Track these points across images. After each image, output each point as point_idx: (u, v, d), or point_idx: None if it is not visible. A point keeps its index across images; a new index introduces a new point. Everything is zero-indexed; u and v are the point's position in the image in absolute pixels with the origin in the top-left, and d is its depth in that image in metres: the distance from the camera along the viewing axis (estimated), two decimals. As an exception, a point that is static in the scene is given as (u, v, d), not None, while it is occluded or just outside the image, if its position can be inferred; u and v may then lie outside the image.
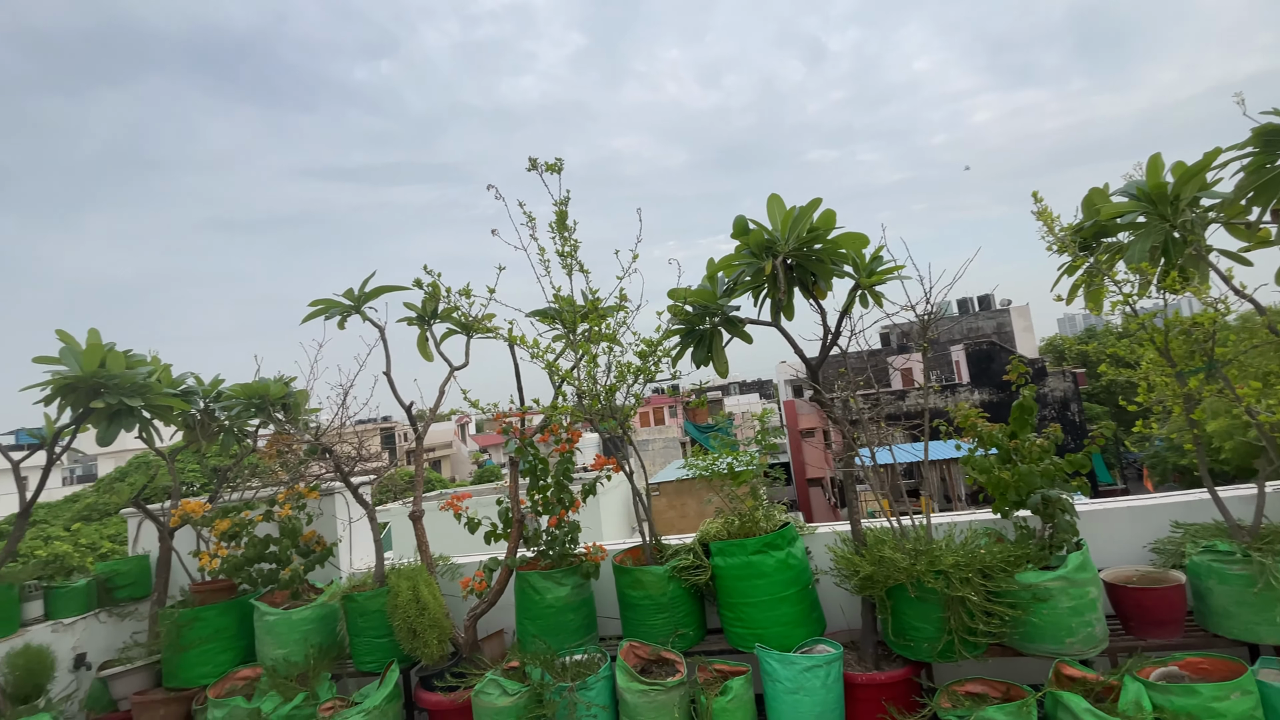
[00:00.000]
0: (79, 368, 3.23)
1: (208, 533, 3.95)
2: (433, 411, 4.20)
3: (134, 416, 3.40)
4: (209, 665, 3.57)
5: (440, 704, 3.19)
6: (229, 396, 4.30)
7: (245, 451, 4.51)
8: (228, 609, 3.68)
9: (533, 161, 3.49)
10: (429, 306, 4.27)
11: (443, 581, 3.79)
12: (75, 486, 27.91)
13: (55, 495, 24.93)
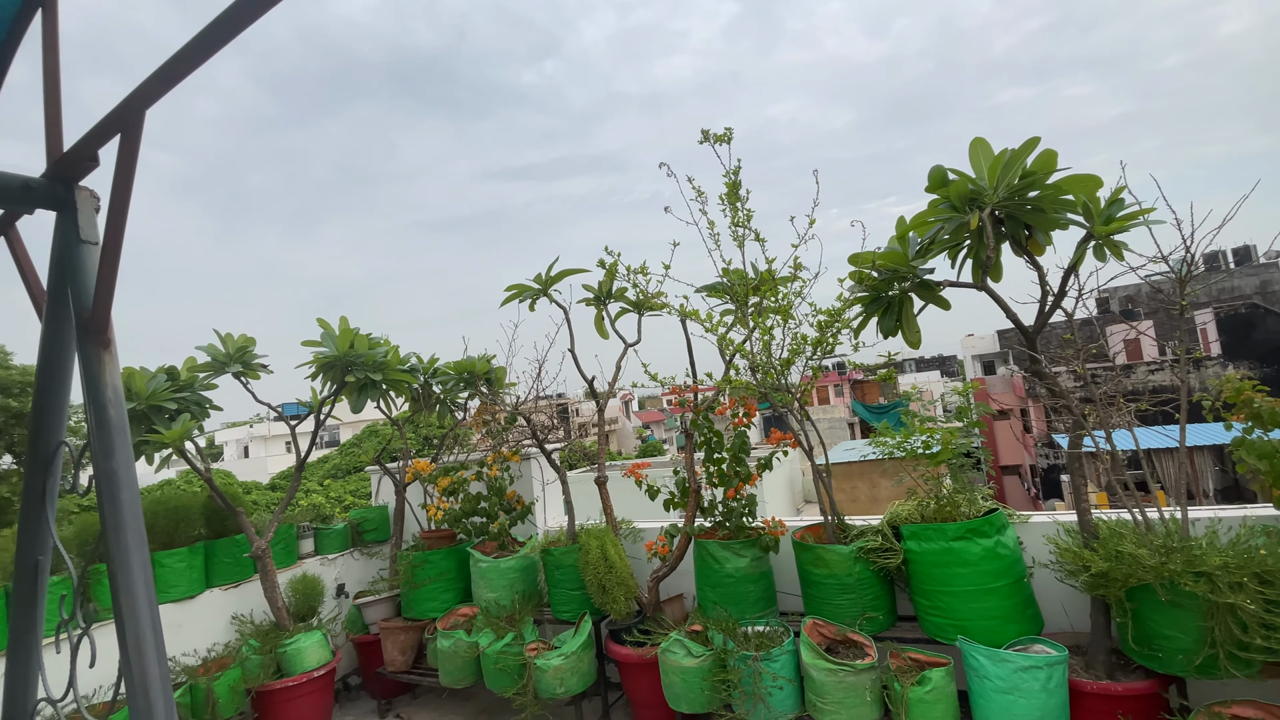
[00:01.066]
0: (335, 349, 3.91)
1: (432, 488, 4.60)
2: (611, 385, 4.43)
3: (376, 389, 4.04)
4: (436, 601, 4.17)
5: (629, 657, 3.40)
6: (443, 373, 4.92)
7: (457, 421, 5.15)
8: (449, 554, 4.26)
9: (704, 134, 3.47)
10: (605, 287, 4.51)
11: (625, 544, 4.02)
12: (323, 451, 33.87)
13: (310, 457, 30.63)
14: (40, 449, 1.51)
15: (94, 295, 1.35)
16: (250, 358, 4.14)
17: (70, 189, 1.46)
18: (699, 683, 3.02)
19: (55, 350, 1.50)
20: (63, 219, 1.44)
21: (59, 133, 1.51)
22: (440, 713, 4.12)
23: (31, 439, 1.51)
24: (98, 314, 1.34)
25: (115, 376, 1.35)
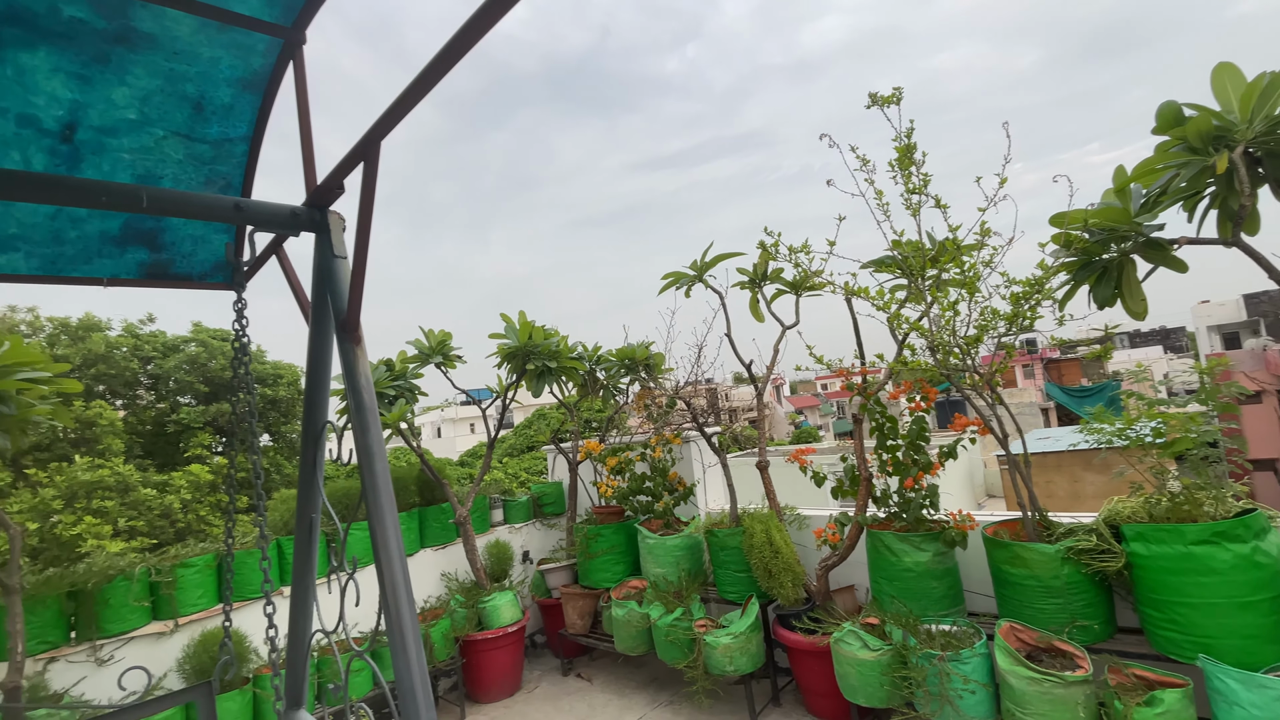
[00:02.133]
0: (517, 340, 4.31)
1: (601, 467, 4.90)
2: (769, 369, 4.36)
3: (552, 375, 4.39)
4: (609, 572, 4.46)
5: (799, 643, 3.36)
6: (606, 360, 5.19)
7: (620, 405, 5.43)
8: (619, 529, 4.52)
9: (872, 98, 3.25)
10: (760, 269, 4.44)
11: (790, 530, 3.96)
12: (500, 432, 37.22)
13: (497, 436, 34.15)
14: (311, 427, 1.85)
15: (347, 301, 1.62)
16: (448, 350, 4.71)
17: (324, 214, 1.76)
18: (876, 677, 2.90)
19: (320, 347, 1.83)
20: (320, 239, 1.75)
21: (313, 167, 1.82)
22: (615, 676, 4.40)
23: (305, 419, 1.87)
24: (350, 317, 1.62)
25: (366, 367, 1.62)
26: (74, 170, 1.98)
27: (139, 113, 1.91)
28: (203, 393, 17.30)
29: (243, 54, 1.87)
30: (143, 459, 17.08)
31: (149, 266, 2.38)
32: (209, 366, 18.01)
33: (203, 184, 2.20)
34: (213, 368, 18.35)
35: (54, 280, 2.28)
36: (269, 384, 14.10)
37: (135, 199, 1.49)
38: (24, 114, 1.79)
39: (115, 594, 3.16)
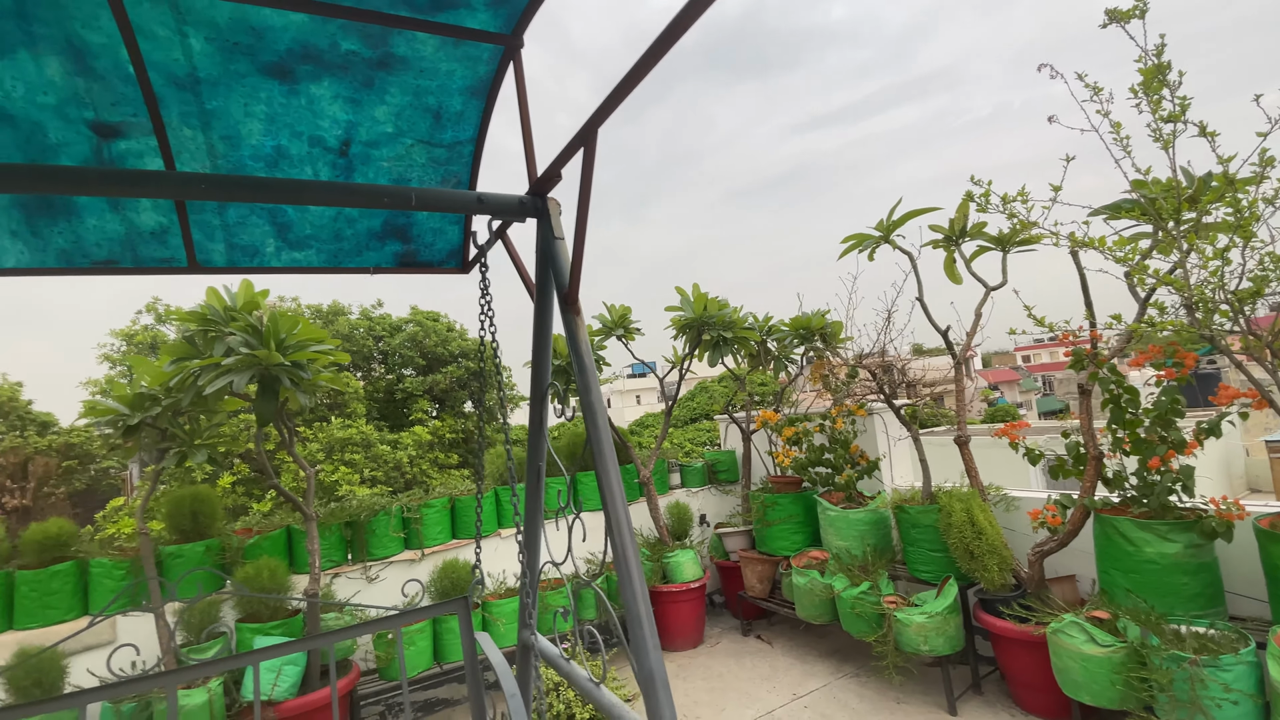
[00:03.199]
0: (692, 312, 4.43)
1: (776, 436, 4.89)
2: (971, 335, 3.98)
3: (727, 346, 4.45)
4: (787, 540, 4.47)
5: (1008, 630, 3.11)
6: (777, 330, 5.12)
7: (794, 375, 5.34)
8: (797, 499, 4.50)
9: (1110, 14, 2.76)
10: (958, 225, 4.05)
11: (995, 511, 3.63)
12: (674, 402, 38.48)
13: (656, 408, 35.36)
14: (538, 389, 2.11)
15: (568, 277, 1.81)
16: (628, 323, 4.98)
17: (544, 200, 1.97)
18: (1106, 675, 2.59)
19: (543, 319, 2.07)
20: (541, 223, 1.97)
21: (533, 159, 2.04)
22: (795, 642, 4.44)
23: (533, 382, 2.13)
24: (571, 291, 1.80)
25: (584, 334, 1.80)
26: (349, 179, 2.42)
27: (394, 126, 2.28)
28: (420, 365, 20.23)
29: (472, 64, 2.13)
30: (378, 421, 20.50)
31: (401, 256, 2.84)
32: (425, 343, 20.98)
33: (439, 182, 2.56)
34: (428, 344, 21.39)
35: (335, 270, 2.80)
36: (472, 357, 15.97)
37: (407, 199, 1.80)
38: (313, 135, 2.22)
39: (379, 526, 3.90)
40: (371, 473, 16.55)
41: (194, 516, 3.48)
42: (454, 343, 13.95)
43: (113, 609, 3.10)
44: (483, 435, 2.55)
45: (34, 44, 1.69)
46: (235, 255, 2.55)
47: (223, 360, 2.91)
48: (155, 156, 2.09)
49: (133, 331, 13.34)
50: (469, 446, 16.33)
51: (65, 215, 2.20)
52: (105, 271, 2.41)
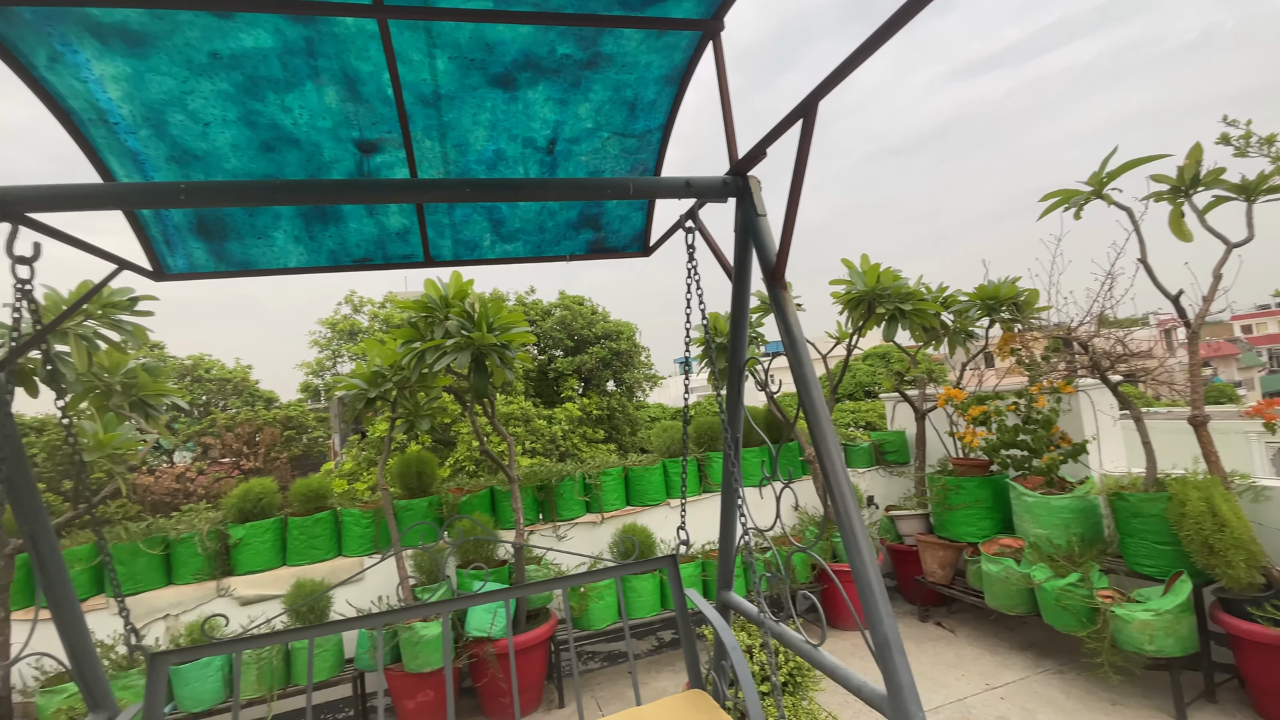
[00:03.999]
0: (864, 284, 4.26)
1: (958, 416, 4.58)
2: (1208, 301, 3.43)
3: (905, 319, 4.22)
4: (972, 526, 4.19)
5: (1257, 634, 2.70)
6: (955, 300, 4.76)
7: (978, 350, 4.93)
8: (984, 483, 4.19)
9: None
10: (1188, 173, 3.50)
11: (1240, 501, 3.13)
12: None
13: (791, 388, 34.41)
14: (736, 363, 2.19)
15: (775, 253, 1.85)
16: (796, 298, 4.91)
17: (745, 179, 2.02)
18: None
19: (741, 296, 2.14)
20: (743, 202, 2.02)
21: (734, 138, 2.09)
22: (982, 632, 4.17)
23: (731, 356, 2.21)
24: (778, 266, 1.84)
25: (793, 309, 1.83)
26: (553, 174, 2.63)
27: (594, 121, 2.44)
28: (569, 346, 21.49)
29: (669, 53, 2.22)
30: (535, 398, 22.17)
31: (592, 243, 3.05)
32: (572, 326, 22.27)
33: (628, 170, 2.70)
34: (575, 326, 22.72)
35: (537, 259, 3.07)
36: (613, 339, 16.56)
37: (625, 188, 1.94)
38: (526, 137, 2.45)
39: (566, 490, 4.27)
40: (531, 444, 18.04)
41: (419, 476, 4.07)
42: (598, 325, 14.57)
43: (407, 541, 3.72)
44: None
45: (317, 76, 2.03)
46: (460, 250, 2.89)
47: (444, 342, 3.34)
48: (403, 166, 2.43)
49: (335, 320, 15.49)
50: (613, 423, 16.95)
51: (334, 222, 2.63)
52: (361, 268, 2.84)
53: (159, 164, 2.17)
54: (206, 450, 11.75)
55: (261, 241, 2.60)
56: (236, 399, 12.98)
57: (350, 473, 11.72)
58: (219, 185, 1.71)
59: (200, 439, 11.77)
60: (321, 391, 15.25)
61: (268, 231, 2.56)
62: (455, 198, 1.93)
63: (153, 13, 1.73)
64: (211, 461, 11.24)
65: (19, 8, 1.66)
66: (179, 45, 1.83)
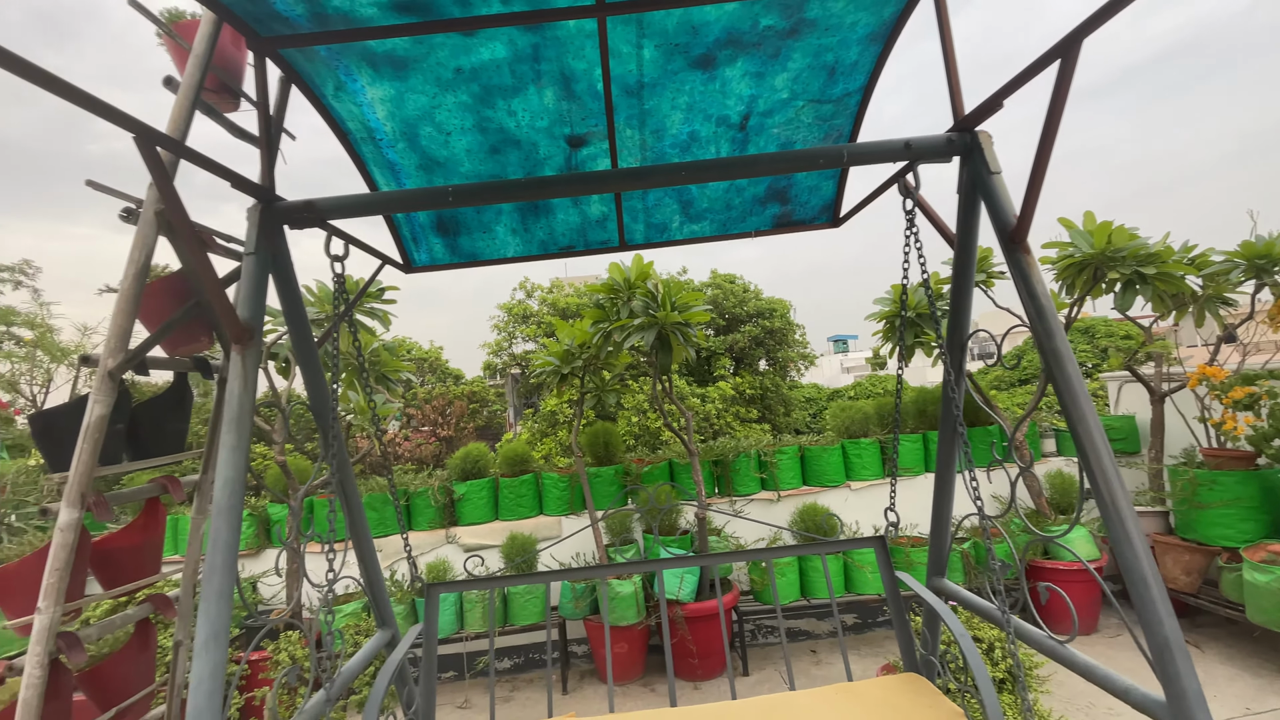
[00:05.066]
0: (1090, 246, 3.72)
1: (1210, 399, 3.86)
2: None
3: (1146, 285, 3.62)
4: (1229, 528, 3.53)
5: None
6: (1206, 260, 3.98)
7: (1238, 319, 4.09)
8: (1248, 478, 3.50)
9: None
10: None
11: None
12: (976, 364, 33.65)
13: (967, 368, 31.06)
14: (956, 337, 2.05)
15: (1016, 214, 1.69)
16: (989, 266, 4.44)
17: (974, 135, 1.86)
18: None
19: (965, 262, 1.99)
20: (971, 160, 1.86)
21: (958, 91, 1.93)
22: (1237, 650, 3.52)
23: (950, 329, 2.07)
24: (1019, 229, 1.67)
25: (1039, 276, 1.67)
26: (743, 151, 2.62)
27: (789, 90, 2.38)
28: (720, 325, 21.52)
29: (878, 8, 2.09)
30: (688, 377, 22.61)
31: (778, 218, 3.00)
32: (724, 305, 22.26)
33: (820, 139, 2.60)
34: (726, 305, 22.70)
35: (722, 238, 3.09)
36: (766, 317, 16.23)
37: (838, 156, 1.88)
38: (720, 115, 2.46)
39: (742, 465, 4.32)
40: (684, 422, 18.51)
41: (605, 446, 4.36)
42: (750, 303, 14.36)
43: (601, 505, 4.09)
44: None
45: (539, 79, 2.19)
46: (650, 233, 3.01)
47: (631, 321, 3.52)
48: (605, 157, 2.56)
49: (511, 305, 16.91)
50: (766, 403, 16.70)
51: (545, 214, 2.86)
52: (565, 254, 3.07)
53: (411, 172, 2.51)
54: (410, 420, 13.57)
55: (486, 235, 2.91)
56: (431, 375, 14.78)
57: (526, 443, 12.88)
58: (476, 186, 1.94)
59: (405, 410, 13.60)
60: (498, 370, 16.78)
61: (491, 226, 2.86)
62: (672, 181, 2.00)
63: (415, 38, 1.99)
64: (414, 429, 12.95)
65: (317, 46, 2.00)
66: (432, 65, 2.09)
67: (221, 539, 1.42)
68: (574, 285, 22.58)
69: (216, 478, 1.44)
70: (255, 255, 1.71)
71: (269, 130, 1.84)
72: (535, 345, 16.35)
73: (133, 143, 1.31)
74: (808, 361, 16.30)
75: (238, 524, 1.44)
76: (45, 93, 1.02)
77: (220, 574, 1.41)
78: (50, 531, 1.65)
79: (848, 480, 4.40)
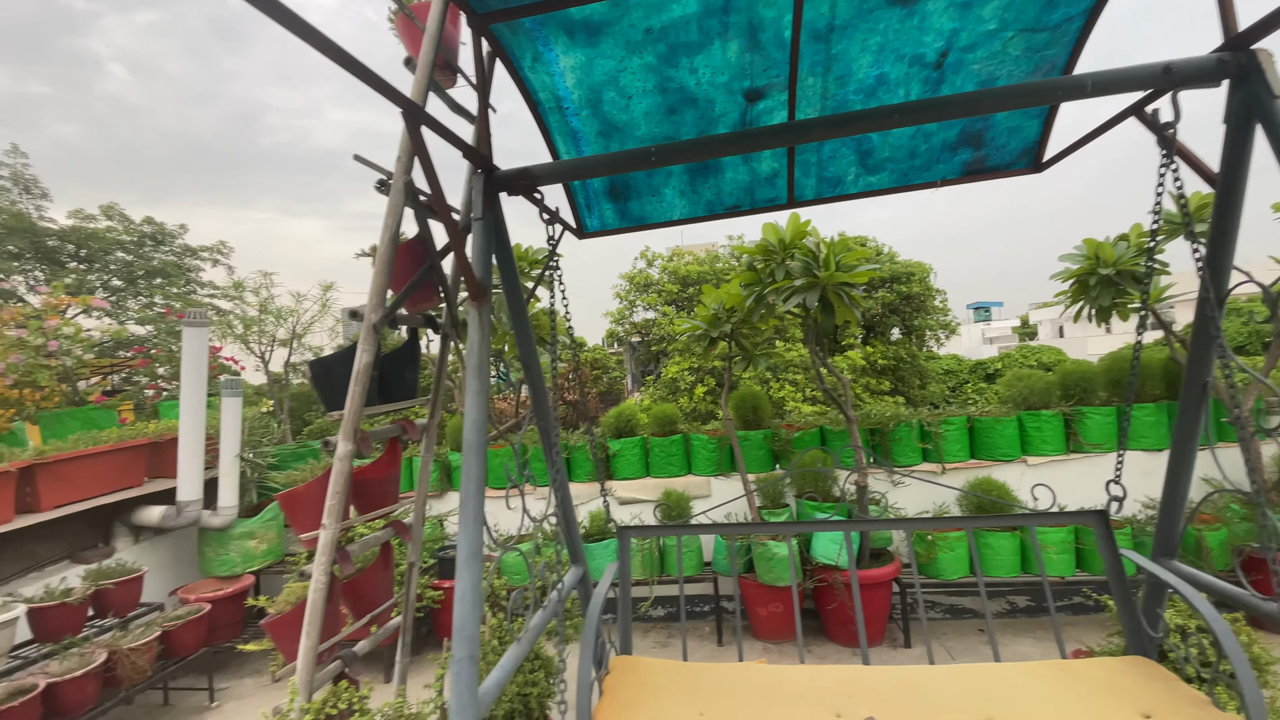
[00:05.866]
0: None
1: None
2: None
3: None
4: None
5: None
6: None
7: None
8: None
9: None
10: None
11: None
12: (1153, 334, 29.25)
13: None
14: (1218, 291, 1.79)
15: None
16: (1206, 216, 3.80)
17: (1252, 55, 1.57)
18: None
19: (1232, 205, 1.71)
20: (1244, 84, 1.58)
21: (1231, 7, 1.64)
22: None
23: (1211, 282, 1.81)
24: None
25: None
26: (935, 92, 2.42)
27: (999, 20, 2.15)
28: (850, 291, 20.49)
29: (1119, -89, 1.83)
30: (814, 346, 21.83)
31: (969, 164, 2.76)
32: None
33: (1028, 74, 2.34)
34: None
35: (901, 189, 2.89)
36: (902, 281, 15.12)
37: (1080, 87, 1.68)
38: (915, 55, 2.28)
39: (902, 435, 4.12)
40: (813, 392, 17.88)
41: (754, 410, 4.36)
42: (884, 267, 13.40)
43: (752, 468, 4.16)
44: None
45: (725, 33, 2.15)
46: (822, 187, 2.90)
47: (793, 282, 3.44)
48: (782, 110, 2.48)
49: (633, 274, 17.16)
50: (899, 374, 15.77)
51: (714, 173, 2.84)
52: (731, 214, 3.04)
53: (590, 139, 2.59)
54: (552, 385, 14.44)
55: (655, 198, 2.95)
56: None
57: (647, 408, 13.25)
58: (677, 145, 1.95)
59: (540, 375, 14.47)
60: (619, 338, 17.17)
61: (660, 189, 2.90)
62: (883, 125, 1.89)
63: (611, 1, 2.03)
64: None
65: (523, 19, 2.10)
66: (624, 28, 2.12)
67: (473, 471, 1.60)
68: (693, 254, 22.45)
69: (465, 418, 1.62)
70: (482, 220, 1.86)
71: (486, 103, 1.98)
72: (656, 314, 16.48)
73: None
74: (949, 330, 15.11)
75: (484, 458, 1.62)
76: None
77: (473, 501, 1.59)
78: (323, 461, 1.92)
79: (1024, 455, 4.05)
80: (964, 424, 4.14)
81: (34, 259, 19.82)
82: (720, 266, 17.63)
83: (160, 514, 3.67)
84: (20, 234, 19.50)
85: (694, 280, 16.64)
